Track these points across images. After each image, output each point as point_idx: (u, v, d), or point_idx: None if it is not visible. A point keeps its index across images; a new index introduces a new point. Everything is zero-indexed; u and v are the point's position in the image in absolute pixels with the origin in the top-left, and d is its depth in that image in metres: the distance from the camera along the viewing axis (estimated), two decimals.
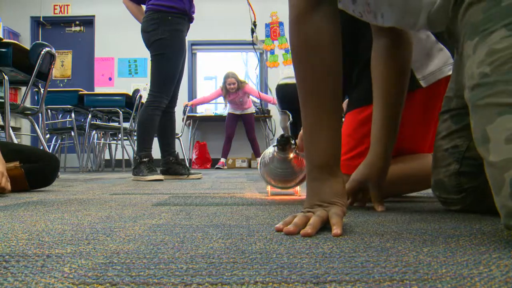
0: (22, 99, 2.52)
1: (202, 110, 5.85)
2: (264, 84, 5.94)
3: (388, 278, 0.38)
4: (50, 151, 2.66)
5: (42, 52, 2.44)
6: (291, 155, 1.10)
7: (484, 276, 0.38)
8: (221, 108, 6.02)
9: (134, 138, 4.20)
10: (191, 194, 1.34)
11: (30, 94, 4.85)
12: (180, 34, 2.37)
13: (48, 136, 4.01)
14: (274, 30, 5.92)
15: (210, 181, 2.22)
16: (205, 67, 6.46)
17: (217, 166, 5.03)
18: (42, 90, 2.65)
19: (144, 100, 2.72)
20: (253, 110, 5.09)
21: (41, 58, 2.43)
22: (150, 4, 2.33)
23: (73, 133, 3.89)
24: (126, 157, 4.53)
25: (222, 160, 5.03)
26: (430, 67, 1.05)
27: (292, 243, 0.54)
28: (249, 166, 5.57)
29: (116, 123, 4.56)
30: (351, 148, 1.09)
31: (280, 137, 1.06)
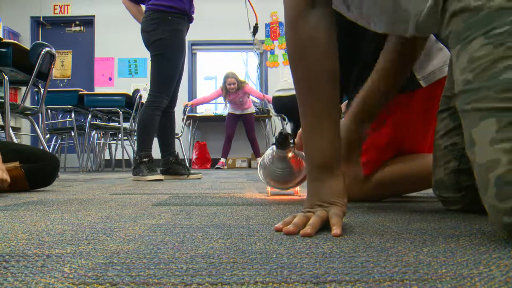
0: (22, 99, 2.52)
1: (202, 110, 5.85)
2: (264, 84, 5.94)
3: (388, 278, 0.38)
4: (50, 151, 2.66)
5: (42, 52, 2.44)
6: (290, 154, 1.11)
7: (484, 276, 0.38)
8: (221, 108, 6.02)
9: (134, 138, 4.20)
10: (191, 194, 1.34)
11: (30, 94, 4.84)
12: (180, 34, 2.37)
13: (48, 136, 4.01)
14: (274, 30, 5.92)
15: (210, 181, 2.22)
16: (205, 67, 6.46)
17: (217, 166, 5.03)
18: (42, 90, 2.65)
19: (144, 100, 2.72)
20: (253, 110, 5.09)
21: (41, 58, 2.43)
22: (150, 4, 2.33)
23: (73, 133, 3.89)
24: (126, 157, 4.53)
25: (222, 160, 5.03)
26: (430, 67, 1.05)
27: (292, 243, 0.54)
28: (249, 166, 5.57)
29: (116, 123, 4.56)
30: None
31: (278, 134, 1.08)
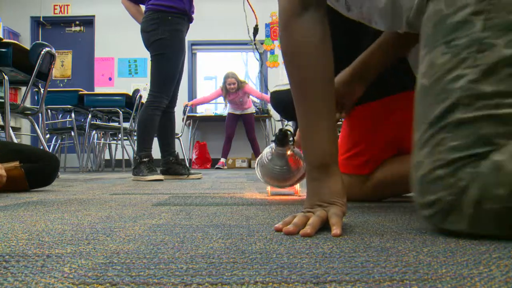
0: (22, 99, 2.52)
1: (202, 110, 5.85)
2: (264, 84, 5.94)
3: (388, 278, 0.38)
4: (50, 151, 2.66)
5: (42, 52, 2.44)
6: (289, 152, 1.11)
7: (484, 276, 0.38)
8: (221, 108, 6.02)
9: (134, 138, 4.20)
10: (191, 194, 1.34)
11: (30, 94, 4.84)
12: (180, 34, 2.37)
13: (48, 136, 4.01)
14: (274, 30, 5.92)
15: (210, 181, 2.22)
16: (205, 67, 6.46)
17: (217, 166, 5.03)
18: (42, 90, 2.65)
19: (144, 100, 2.72)
20: (253, 110, 5.09)
21: (41, 58, 2.42)
22: (149, 4, 2.33)
23: (73, 133, 3.89)
24: (126, 157, 4.53)
25: (222, 160, 5.03)
26: None
27: (292, 243, 0.54)
28: (249, 166, 5.57)
29: (116, 123, 4.56)
30: (349, 147, 1.09)
31: (278, 131, 1.08)
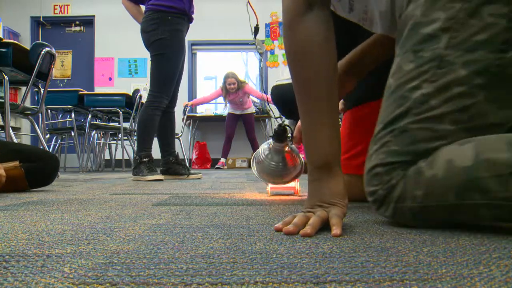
0: (22, 99, 2.52)
1: (202, 110, 5.84)
2: (264, 84, 5.94)
3: (388, 278, 0.38)
4: (50, 151, 2.66)
5: (42, 52, 2.44)
6: (286, 149, 1.11)
7: (484, 276, 0.38)
8: (221, 108, 6.02)
9: (134, 138, 4.20)
10: (191, 194, 1.34)
11: (30, 94, 4.85)
12: (180, 34, 2.37)
13: (48, 136, 4.01)
14: (274, 30, 5.92)
15: (210, 181, 2.22)
16: (205, 67, 6.45)
17: (217, 166, 5.02)
18: (42, 90, 2.65)
19: (144, 100, 2.72)
20: (253, 110, 5.09)
21: (41, 58, 2.43)
22: (149, 4, 2.33)
23: (73, 133, 3.89)
24: (126, 157, 4.53)
25: (222, 160, 5.03)
26: None
27: (292, 243, 0.54)
28: (249, 166, 5.57)
29: (116, 123, 4.55)
30: (350, 147, 1.09)
31: (277, 126, 1.07)
